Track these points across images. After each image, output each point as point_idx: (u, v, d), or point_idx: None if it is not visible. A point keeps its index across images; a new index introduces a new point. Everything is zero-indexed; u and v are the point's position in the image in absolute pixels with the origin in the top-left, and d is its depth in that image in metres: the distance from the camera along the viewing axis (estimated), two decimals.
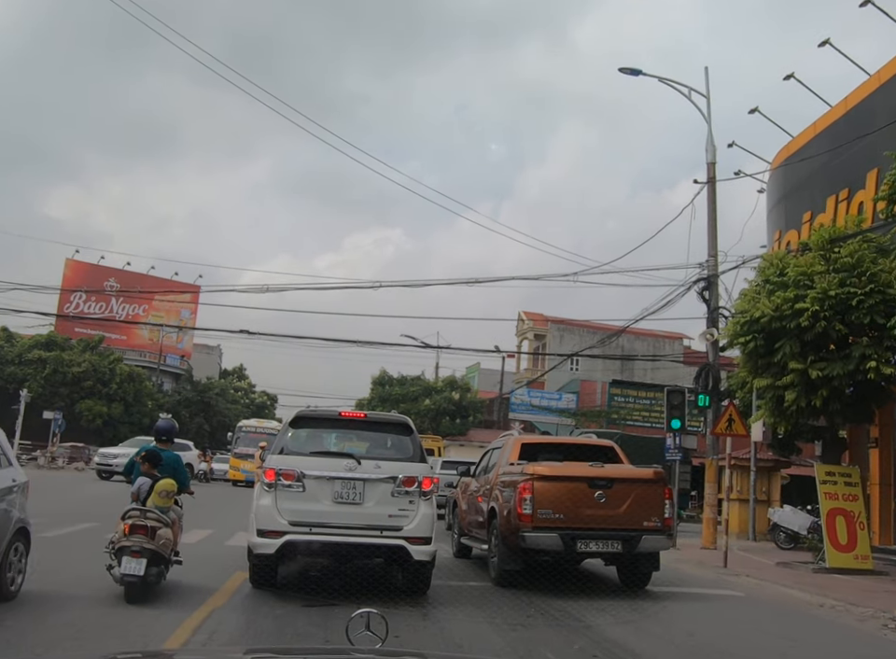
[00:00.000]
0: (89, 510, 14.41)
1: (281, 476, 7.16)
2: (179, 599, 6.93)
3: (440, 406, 42.04)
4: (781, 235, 17.82)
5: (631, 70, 18.34)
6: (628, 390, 45.19)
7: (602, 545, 8.66)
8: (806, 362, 11.32)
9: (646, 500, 8.75)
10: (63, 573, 7.81)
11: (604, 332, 43.30)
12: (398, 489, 7.21)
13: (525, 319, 54.54)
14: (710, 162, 17.68)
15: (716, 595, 9.27)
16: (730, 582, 10.40)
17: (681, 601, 8.76)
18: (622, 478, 8.93)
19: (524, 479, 8.67)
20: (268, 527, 7.08)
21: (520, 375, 52.93)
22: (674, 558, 13.12)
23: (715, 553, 14.42)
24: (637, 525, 8.65)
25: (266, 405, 63.66)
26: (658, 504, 8.82)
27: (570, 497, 8.56)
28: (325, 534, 7.10)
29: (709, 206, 17.50)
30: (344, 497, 7.15)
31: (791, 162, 17.87)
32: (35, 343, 47.01)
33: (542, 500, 8.50)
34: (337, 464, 7.29)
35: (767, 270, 12.19)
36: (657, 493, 8.89)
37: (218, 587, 7.58)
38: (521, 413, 43.86)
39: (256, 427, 33.03)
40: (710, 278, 17.02)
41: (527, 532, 8.46)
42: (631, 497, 8.69)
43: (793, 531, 17.35)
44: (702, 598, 9.04)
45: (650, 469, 9.49)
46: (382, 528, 7.15)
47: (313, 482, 7.17)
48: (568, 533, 8.48)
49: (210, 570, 8.48)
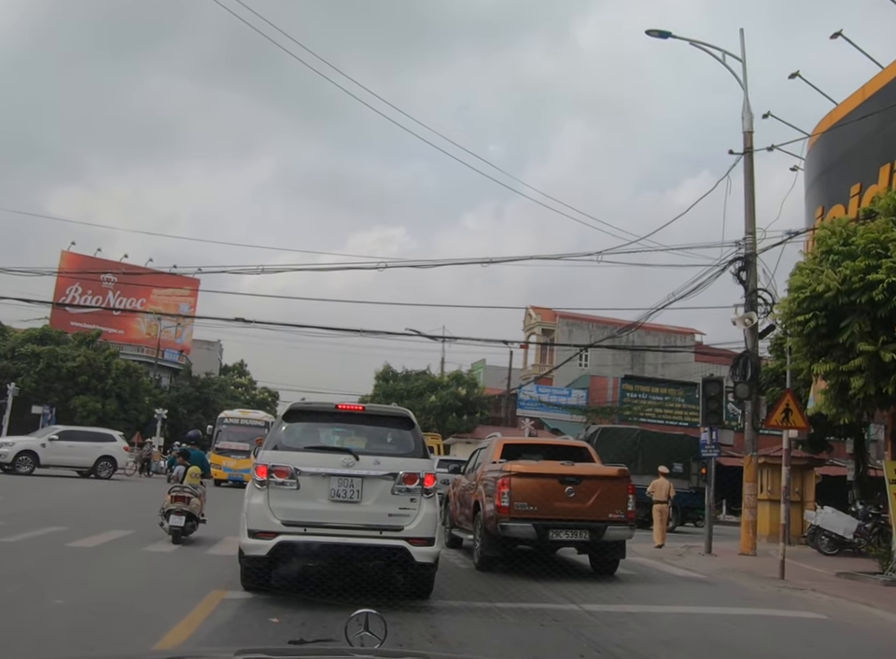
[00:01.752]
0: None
1: (274, 473, 6.69)
2: (127, 633, 5.42)
3: (445, 402, 40.46)
4: (824, 212, 16.27)
5: (660, 33, 16.83)
6: (640, 386, 43.61)
7: (571, 534, 9.60)
8: (878, 343, 9.79)
9: (611, 495, 9.66)
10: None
11: (614, 327, 41.84)
12: (398, 487, 6.78)
13: (533, 314, 52.89)
14: (747, 131, 16.15)
15: (797, 619, 7.67)
16: (800, 600, 8.82)
17: (763, 626, 7.25)
18: (589, 475, 9.87)
19: (502, 475, 9.62)
20: (260, 528, 6.60)
21: (527, 371, 51.38)
22: (719, 567, 11.61)
23: (759, 562, 12.92)
24: (603, 516, 9.53)
25: (267, 401, 62.22)
26: (622, 498, 9.71)
27: (543, 492, 9.55)
28: (320, 534, 6.65)
29: (746, 179, 15.98)
30: (341, 496, 6.71)
31: (834, 131, 16.32)
32: (29, 337, 45.59)
33: (518, 494, 9.44)
34: (333, 460, 6.80)
35: (829, 239, 10.66)
36: (621, 489, 9.80)
37: (178, 620, 5.77)
38: (530, 409, 42.26)
39: (240, 419, 29.19)
40: (748, 257, 15.50)
41: (505, 522, 9.38)
42: (597, 492, 9.63)
43: (838, 535, 15.83)
44: (783, 624, 7.45)
45: (615, 467, 10.52)
46: (381, 528, 6.72)
47: (308, 479, 6.71)
48: (542, 523, 9.43)
49: (178, 588, 7.01)
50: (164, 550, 9.53)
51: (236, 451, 26.33)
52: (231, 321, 21.65)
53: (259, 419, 29.33)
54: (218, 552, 9.69)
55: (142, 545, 9.73)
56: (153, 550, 9.47)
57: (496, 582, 8.57)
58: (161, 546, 9.80)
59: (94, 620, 5.59)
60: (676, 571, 11.05)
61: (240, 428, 28.16)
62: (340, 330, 21.71)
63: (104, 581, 7.23)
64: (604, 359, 49.87)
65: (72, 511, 14.02)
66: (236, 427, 28.26)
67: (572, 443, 12.31)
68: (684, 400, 42.96)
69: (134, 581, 7.35)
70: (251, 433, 26.42)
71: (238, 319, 21.59)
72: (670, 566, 11.71)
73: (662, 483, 15.74)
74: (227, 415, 29.79)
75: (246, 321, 21.28)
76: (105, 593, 6.65)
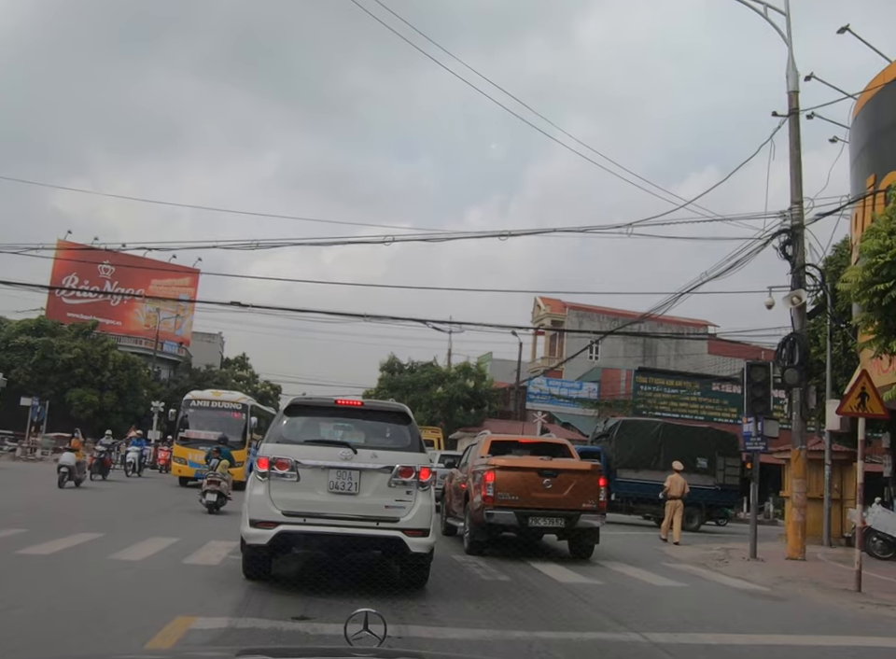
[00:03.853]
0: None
1: (275, 465, 6.88)
2: None
3: (453, 394, 38.88)
4: (877, 180, 14.71)
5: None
6: (655, 378, 42.06)
7: (549, 521, 10.70)
8: None
9: (584, 487, 10.73)
10: None
11: (625, 318, 40.29)
12: (395, 479, 6.97)
13: (542, 305, 51.32)
14: (792, 91, 14.59)
15: None
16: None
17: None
18: (565, 469, 10.95)
19: (488, 468, 10.73)
20: (261, 518, 6.79)
21: (536, 365, 49.89)
22: (774, 576, 10.10)
23: (815, 568, 11.44)
24: (577, 506, 10.58)
25: (269, 395, 60.78)
26: (594, 490, 10.81)
27: (524, 484, 10.63)
28: (319, 524, 6.80)
29: (792, 143, 14.42)
30: (340, 487, 6.89)
31: (888, 91, 14.74)
32: (24, 328, 44.26)
33: (501, 485, 10.53)
34: (332, 453, 7.00)
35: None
36: (593, 481, 10.89)
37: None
38: (540, 403, 40.72)
39: (211, 402, 23.24)
40: (794, 229, 13.97)
41: (490, 510, 10.46)
42: (572, 484, 10.69)
43: (892, 537, 14.35)
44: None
45: (588, 462, 11.89)
46: (378, 519, 6.90)
47: (307, 471, 6.89)
48: (522, 511, 10.53)
49: (134, 613, 5.53)
50: (133, 557, 8.06)
51: (206, 441, 20.18)
52: (228, 305, 20.26)
53: (234, 402, 23.34)
54: (197, 560, 8.23)
55: (109, 552, 8.27)
56: (120, 558, 7.99)
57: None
58: (131, 552, 8.35)
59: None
60: (730, 582, 9.55)
61: (211, 413, 22.59)
62: (342, 315, 20.18)
63: (39, 604, 5.69)
64: (615, 351, 48.37)
65: (39, 512, 12.56)
66: (206, 412, 22.64)
67: (554, 441, 13.52)
68: (700, 393, 41.50)
69: (81, 604, 5.83)
70: (225, 419, 22.16)
71: (234, 303, 20.29)
72: (720, 574, 10.22)
73: (677, 479, 15.82)
74: (195, 397, 23.50)
75: (242, 305, 19.95)
76: (31, 624, 5.10)
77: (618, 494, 21.15)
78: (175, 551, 8.83)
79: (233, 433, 21.44)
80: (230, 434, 20.52)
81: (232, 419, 22.43)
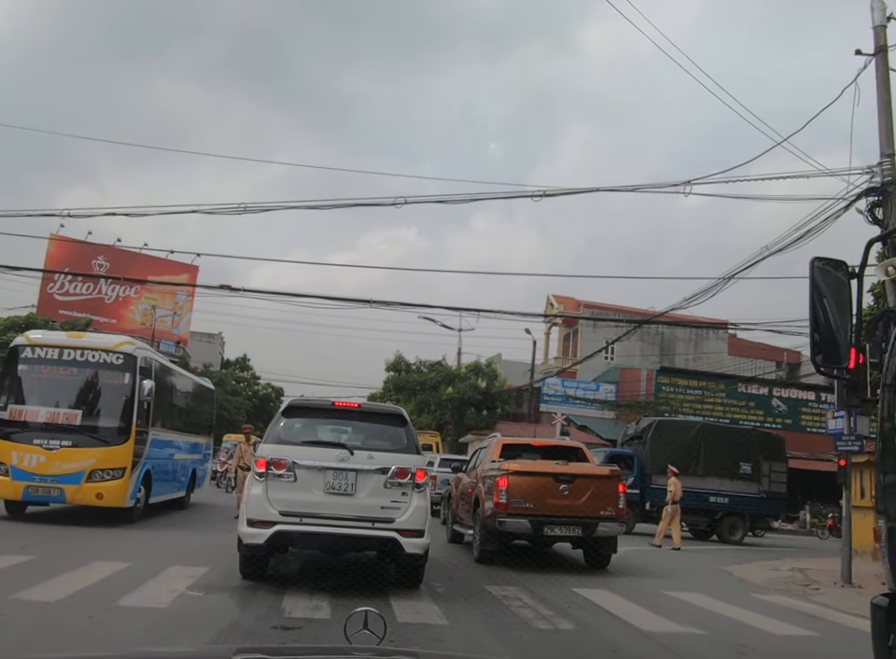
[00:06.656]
0: None
1: (272, 465, 6.96)
2: None
3: (463, 395, 36.55)
4: None
5: None
6: (677, 379, 39.69)
7: (565, 530, 10.24)
8: None
9: (603, 493, 10.25)
10: None
11: (642, 317, 38.00)
12: (390, 480, 7.06)
13: (555, 304, 48.98)
14: (879, 25, 12.32)
15: None
16: None
17: None
18: (582, 474, 10.43)
19: (500, 473, 10.26)
20: (258, 517, 6.86)
21: (548, 365, 47.60)
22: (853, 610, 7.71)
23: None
24: (595, 513, 10.15)
25: (271, 397, 58.65)
26: (613, 497, 10.30)
27: (538, 489, 10.21)
28: (316, 524, 6.87)
29: (880, 87, 12.12)
30: (336, 488, 7.00)
31: None
32: (12, 325, 42.02)
33: (515, 491, 10.12)
34: (329, 454, 7.13)
35: None
36: (612, 487, 10.36)
37: None
38: (555, 405, 38.34)
39: (63, 350, 12.02)
40: (886, 187, 11.68)
41: (503, 518, 10.06)
42: (590, 490, 10.22)
43: None
44: None
45: (606, 467, 11.66)
46: (374, 520, 6.98)
47: (304, 472, 6.99)
48: (537, 519, 10.12)
49: None
50: (48, 598, 5.74)
51: (50, 427, 11.52)
52: (216, 288, 18.07)
53: (108, 349, 12.14)
54: (137, 600, 5.90)
55: (20, 588, 5.97)
56: (30, 598, 5.68)
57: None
58: (49, 587, 6.06)
59: None
60: (856, 623, 7.23)
61: (59, 372, 12.00)
62: (343, 301, 17.94)
63: None
64: (631, 351, 46.07)
65: None
66: (51, 369, 11.99)
67: (568, 444, 13.22)
68: (725, 395, 39.19)
69: None
70: (88, 383, 12.13)
71: (223, 287, 18.07)
72: (834, 610, 7.94)
73: (676, 483, 15.64)
74: (31, 342, 12.22)
75: (233, 288, 17.75)
76: None
77: (652, 502, 19.01)
78: (116, 583, 6.51)
79: (105, 409, 12.05)
80: (97, 411, 12.04)
81: (104, 383, 12.19)
